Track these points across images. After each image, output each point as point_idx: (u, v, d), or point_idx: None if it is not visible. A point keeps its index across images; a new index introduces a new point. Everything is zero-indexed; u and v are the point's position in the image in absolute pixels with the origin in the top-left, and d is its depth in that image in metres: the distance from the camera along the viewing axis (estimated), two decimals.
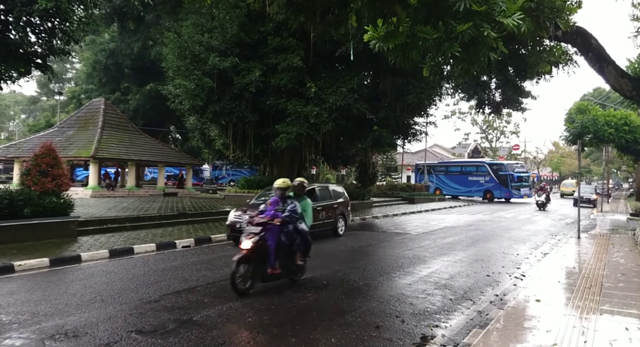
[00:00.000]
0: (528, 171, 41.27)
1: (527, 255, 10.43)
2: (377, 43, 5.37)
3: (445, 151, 69.52)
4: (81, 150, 23.47)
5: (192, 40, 18.77)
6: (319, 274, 7.77)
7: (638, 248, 11.03)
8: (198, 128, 26.10)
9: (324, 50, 20.07)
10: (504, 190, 36.28)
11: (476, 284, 7.38)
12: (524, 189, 36.97)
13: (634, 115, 26.17)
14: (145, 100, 34.78)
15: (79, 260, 8.39)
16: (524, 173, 38.04)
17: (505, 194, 36.34)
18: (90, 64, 36.37)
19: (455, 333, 4.96)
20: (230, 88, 19.30)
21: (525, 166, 41.82)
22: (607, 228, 16.39)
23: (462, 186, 39.28)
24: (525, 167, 41.20)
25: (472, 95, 21.61)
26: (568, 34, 6.81)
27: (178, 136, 46.18)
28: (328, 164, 31.39)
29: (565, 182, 51.38)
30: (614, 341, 4.59)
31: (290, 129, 19.22)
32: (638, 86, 7.03)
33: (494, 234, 14.35)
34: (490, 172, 37.03)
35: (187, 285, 6.74)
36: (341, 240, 12.17)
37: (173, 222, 13.76)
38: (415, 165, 47.43)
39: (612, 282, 7.28)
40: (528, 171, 41.27)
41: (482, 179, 37.47)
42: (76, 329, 4.75)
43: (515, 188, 36.36)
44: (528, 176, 38.91)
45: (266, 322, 5.13)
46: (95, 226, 11.75)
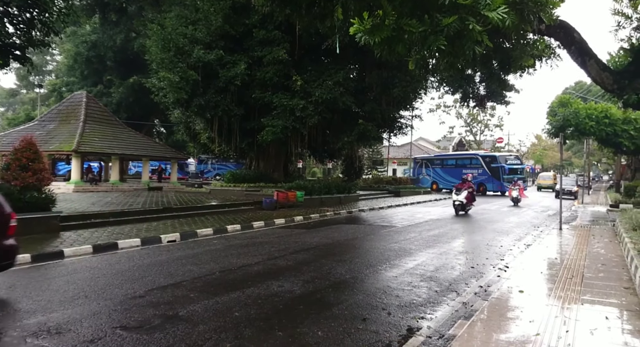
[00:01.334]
0: (523, 163, 39.81)
1: (511, 247, 10.59)
2: (363, 36, 5.35)
3: (430, 144, 69.99)
4: (63, 144, 23.06)
5: (176, 32, 18.53)
6: (306, 267, 7.78)
7: (617, 239, 11.28)
8: (183, 122, 25.84)
9: (310, 44, 19.99)
10: (496, 183, 35.37)
11: (461, 275, 7.48)
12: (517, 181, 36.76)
13: (614, 109, 26.67)
14: (129, 94, 34.28)
15: (61, 256, 8.26)
16: (517, 165, 36.89)
17: (497, 187, 35.44)
18: (71, 56, 35.65)
19: (441, 324, 5.02)
20: (215, 81, 19.12)
21: (520, 158, 40.48)
22: (588, 219, 16.72)
23: (458, 179, 38.38)
24: (520, 158, 39.72)
25: (457, 89, 21.71)
26: (551, 28, 6.88)
27: (162, 130, 45.68)
28: (314, 158, 31.45)
29: (543, 175, 50.38)
30: (594, 330, 4.69)
31: (276, 123, 19.14)
32: (619, 80, 7.15)
33: (478, 226, 14.53)
34: (483, 165, 36.17)
35: (173, 280, 6.69)
36: (327, 233, 12.20)
37: (158, 216, 13.62)
38: (413, 159, 47.25)
39: (593, 273, 7.44)
40: (523, 163, 39.81)
41: (476, 171, 35.97)
42: (59, 326, 4.68)
43: (507, 181, 34.88)
44: (522, 168, 37.59)
45: (253, 317, 5.13)
46: (78, 221, 11.57)
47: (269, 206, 17.44)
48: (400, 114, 25.42)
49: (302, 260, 8.42)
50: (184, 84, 18.31)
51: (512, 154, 42.57)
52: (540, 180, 46.75)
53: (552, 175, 48.51)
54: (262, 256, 8.67)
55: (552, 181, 45.84)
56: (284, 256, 8.79)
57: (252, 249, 9.43)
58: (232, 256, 8.62)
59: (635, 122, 26.82)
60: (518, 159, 38.35)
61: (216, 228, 11.88)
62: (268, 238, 11.10)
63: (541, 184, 45.28)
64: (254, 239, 10.84)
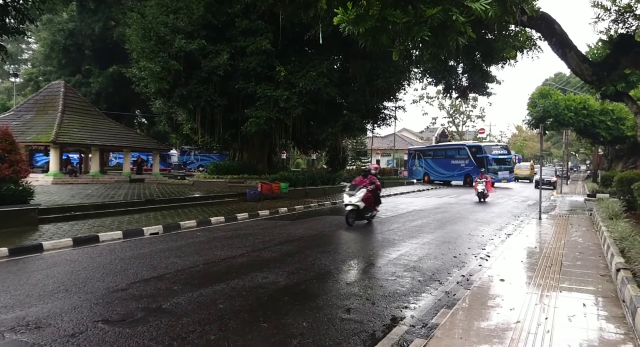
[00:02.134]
0: (510, 153, 38.43)
1: (492, 236, 10.77)
2: (347, 26, 5.32)
3: (413, 136, 70.49)
4: (40, 135, 22.52)
5: (157, 21, 18.15)
6: (290, 258, 7.79)
7: (595, 227, 11.56)
8: (165, 112, 25.47)
9: (294, 34, 19.82)
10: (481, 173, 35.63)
11: (444, 265, 7.58)
12: (503, 172, 35.14)
13: (592, 100, 27.23)
14: (109, 84, 33.54)
15: (40, 249, 8.10)
16: (503, 155, 35.89)
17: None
18: (48, 44, 34.64)
19: (424, 314, 5.09)
20: (197, 71, 18.85)
21: (507, 148, 39.06)
22: (566, 209, 17.09)
23: (447, 171, 37.89)
24: (507, 148, 38.46)
25: (440, 80, 21.90)
26: (533, 19, 6.94)
27: (144, 121, 44.93)
28: (298, 149, 31.34)
29: (520, 165, 49.78)
30: (572, 316, 4.81)
31: (259, 114, 19.00)
32: (598, 71, 7.28)
33: (460, 217, 14.73)
34: (470, 155, 35.56)
35: (156, 273, 6.62)
36: (312, 224, 12.22)
37: (140, 209, 13.45)
38: (407, 151, 46.54)
39: (571, 261, 7.62)
40: (510, 153, 38.43)
41: (463, 162, 36.08)
42: (38, 320, 4.60)
43: (492, 172, 33.91)
44: (508, 159, 36.34)
45: (237, 309, 5.12)
46: (57, 213, 11.35)
47: (253, 198, 17.37)
48: (384, 105, 25.48)
49: (286, 251, 8.42)
50: (165, 74, 17.99)
51: (500, 144, 41.41)
52: (517, 170, 46.28)
53: (529, 165, 48.87)
54: (246, 248, 8.64)
55: (529, 171, 46.17)
56: (269, 247, 8.78)
57: (236, 241, 9.39)
58: (216, 248, 8.58)
59: (612, 113, 27.45)
60: (505, 150, 37.45)
61: (200, 220, 11.79)
62: (252, 230, 11.07)
63: (518, 175, 44.81)
64: (238, 231, 10.80)
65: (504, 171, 35.12)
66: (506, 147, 38.67)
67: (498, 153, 35.71)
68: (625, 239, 7.67)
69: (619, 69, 7.54)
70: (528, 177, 45.24)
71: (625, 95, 15.13)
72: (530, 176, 45.84)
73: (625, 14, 9.15)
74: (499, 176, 34.44)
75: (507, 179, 35.47)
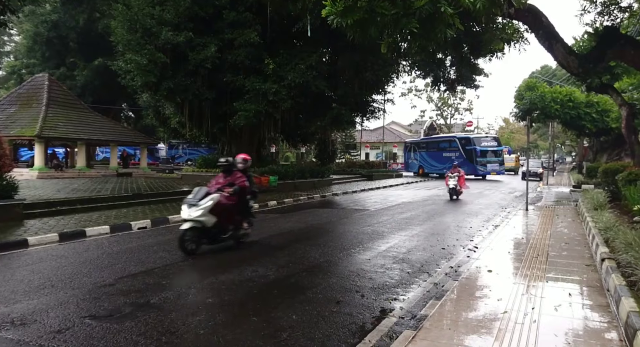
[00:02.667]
0: (501, 144, 37.15)
1: (480, 228, 10.87)
2: (336, 18, 5.28)
3: (402, 128, 70.71)
4: (24, 129, 22.11)
5: (143, 13, 17.85)
6: (280, 252, 7.78)
7: (580, 218, 11.73)
8: (152, 106, 25.16)
9: (282, 26, 19.66)
10: (470, 166, 33.61)
11: (432, 257, 7.63)
12: (492, 164, 34.28)
13: (578, 92, 27.54)
14: (94, 77, 32.99)
15: (25, 245, 7.98)
16: (491, 147, 34.70)
17: (471, 170, 33.23)
18: (31, 36, 33.90)
19: (413, 305, 5.13)
20: (185, 64, 18.62)
21: (498, 139, 37.80)
22: (552, 200, 17.32)
23: (440, 163, 36.99)
24: (497, 140, 37.22)
25: (428, 73, 21.91)
26: (520, 12, 6.97)
27: (131, 114, 44.40)
28: (287, 142, 31.24)
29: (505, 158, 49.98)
30: (558, 306, 4.88)
31: (248, 107, 18.86)
32: (584, 63, 7.35)
33: (448, 209, 14.84)
34: (460, 148, 35.03)
35: (144, 267, 6.57)
36: (301, 217, 12.22)
37: (128, 203, 13.32)
38: (404, 143, 46.04)
39: (557, 251, 7.72)
40: (501, 144, 37.15)
41: (454, 155, 34.91)
42: (24, 317, 4.54)
43: (480, 164, 33.75)
44: (498, 150, 35.07)
45: (227, 303, 5.10)
46: (43, 208, 11.19)
47: None
48: (372, 98, 25.47)
49: (276, 245, 8.41)
50: (152, 66, 17.74)
51: (490, 135, 40.31)
52: None
53: (514, 157, 48.04)
54: None
55: (514, 163, 45.40)
56: (258, 241, 8.76)
57: None
58: None
59: (597, 105, 27.81)
60: (495, 141, 36.32)
61: None
62: None
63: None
64: None
65: (493, 164, 34.27)
66: (496, 139, 37.52)
67: (487, 145, 34.76)
68: (609, 229, 7.79)
69: (605, 61, 7.62)
70: (513, 169, 44.61)
71: (610, 87, 15.32)
72: (516, 168, 45.28)
73: (610, 6, 9.23)
74: (487, 169, 33.77)
75: (497, 172, 34.68)
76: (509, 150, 39.15)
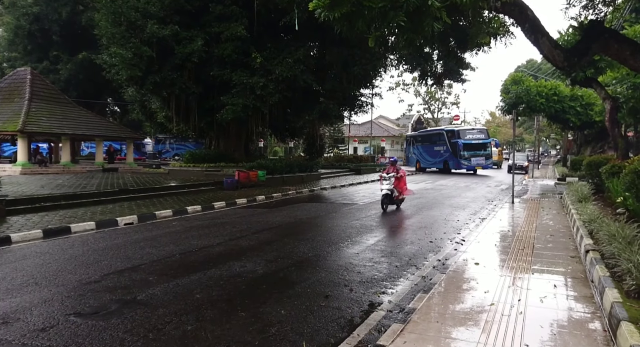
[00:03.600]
0: (488, 137, 35.25)
1: (467, 221, 10.97)
2: (323, 12, 5.24)
3: (390, 123, 70.88)
4: (7, 123, 21.68)
5: (127, 5, 17.57)
6: (268, 246, 7.76)
7: (565, 211, 11.90)
8: (138, 100, 24.82)
9: (269, 20, 19.51)
10: (455, 160, 33.09)
11: (420, 250, 7.68)
12: (477, 158, 32.58)
13: (563, 86, 27.83)
14: (78, 70, 32.41)
15: (8, 241, 7.83)
16: (477, 140, 33.04)
17: (455, 164, 33.04)
18: (12, 29, 33.12)
19: (401, 299, 5.15)
20: (171, 58, 18.40)
21: (485, 131, 35.81)
22: (538, 193, 17.54)
23: (432, 158, 36.48)
24: (485, 132, 35.31)
25: (416, 67, 21.95)
26: (507, 5, 6.99)
27: (116, 109, 43.73)
28: (276, 137, 31.17)
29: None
30: (544, 297, 4.95)
31: (235, 101, 18.73)
32: (569, 57, 7.41)
33: (436, 202, 14.94)
34: (447, 141, 33.94)
35: (130, 263, 6.50)
36: (290, 212, 12.20)
37: (114, 199, 13.15)
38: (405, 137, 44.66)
39: (542, 243, 7.83)
40: (488, 137, 35.25)
41: (442, 148, 34.59)
42: (6, 315, 4.45)
43: (464, 158, 32.31)
44: (484, 143, 33.41)
45: (215, 298, 5.07)
46: (26, 204, 10.99)
47: (230, 186, 17.20)
48: (360, 92, 25.48)
49: (264, 240, 8.39)
50: (137, 60, 17.49)
51: (476, 127, 38.25)
52: None
53: (497, 151, 45.80)
54: (223, 237, 8.56)
55: (497, 157, 43.60)
56: (246, 236, 8.73)
57: (214, 230, 9.29)
58: (192, 238, 8.47)
59: (581, 99, 28.14)
60: (482, 134, 34.44)
61: (176, 209, 11.61)
62: (230, 218, 10.97)
63: None
64: (215, 220, 10.69)
65: (479, 157, 32.69)
66: (484, 131, 35.59)
67: (473, 137, 33.24)
68: (593, 221, 7.92)
69: (589, 55, 7.69)
70: (496, 163, 43.03)
71: (594, 81, 15.50)
72: (499, 162, 44.13)
73: (595, 0, 9.32)
74: (472, 163, 32.45)
75: (483, 166, 33.25)
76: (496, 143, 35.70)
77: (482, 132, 34.92)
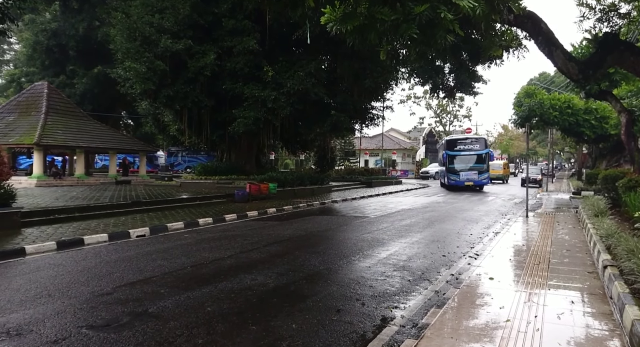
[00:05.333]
0: (486, 146, 29.23)
1: (480, 235, 10.81)
2: (335, 25, 5.28)
3: (401, 135, 70.85)
4: (23, 137, 22.09)
5: (142, 21, 17.95)
6: (279, 259, 7.72)
7: (580, 225, 11.68)
8: (151, 113, 25.20)
9: (281, 34, 19.76)
10: (444, 174, 29.28)
11: (433, 264, 7.57)
12: (467, 173, 27.55)
13: (577, 99, 27.59)
14: (93, 84, 33.06)
15: (22, 253, 7.91)
16: (468, 152, 27.92)
17: (446, 178, 28.84)
18: (30, 45, 34.01)
19: (414, 313, 5.06)
20: (184, 72, 18.69)
21: (481, 140, 29.69)
22: (552, 207, 17.27)
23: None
24: (481, 141, 29.34)
25: (427, 80, 21.93)
26: (520, 18, 6.98)
27: (130, 122, 44.41)
28: (287, 149, 31.25)
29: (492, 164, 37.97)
30: (561, 314, 4.82)
31: (247, 114, 18.89)
32: (584, 69, 7.35)
33: (448, 215, 14.78)
34: (441, 152, 31.05)
35: (142, 276, 6.50)
36: (301, 224, 12.15)
37: (126, 211, 13.25)
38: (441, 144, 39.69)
39: (558, 258, 7.67)
40: (486, 146, 29.23)
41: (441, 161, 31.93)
42: (20, 327, 4.47)
43: (452, 172, 27.77)
44: (478, 155, 27.97)
45: (226, 311, 5.03)
46: (41, 216, 11.12)
47: (241, 198, 17.24)
48: (371, 105, 25.56)
49: (275, 252, 8.35)
50: (151, 74, 17.80)
51: (471, 136, 31.95)
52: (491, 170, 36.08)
53: (502, 164, 41.26)
54: (234, 249, 8.55)
55: (502, 171, 39.05)
56: (257, 248, 8.70)
57: (225, 243, 9.29)
58: (204, 250, 8.47)
59: (595, 112, 27.84)
60: (478, 143, 28.69)
61: (187, 221, 11.65)
62: (241, 231, 10.96)
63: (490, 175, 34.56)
64: (226, 232, 10.69)
65: (470, 172, 27.51)
66: (480, 140, 29.52)
67: (464, 148, 28.18)
68: (611, 236, 7.74)
69: (604, 67, 7.63)
70: (501, 177, 38.68)
71: (608, 93, 15.35)
72: (504, 176, 39.68)
73: (609, 12, 9.26)
74: (460, 178, 27.55)
75: (475, 182, 27.54)
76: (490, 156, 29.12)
77: (478, 141, 29.26)
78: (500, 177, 38.47)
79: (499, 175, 38.51)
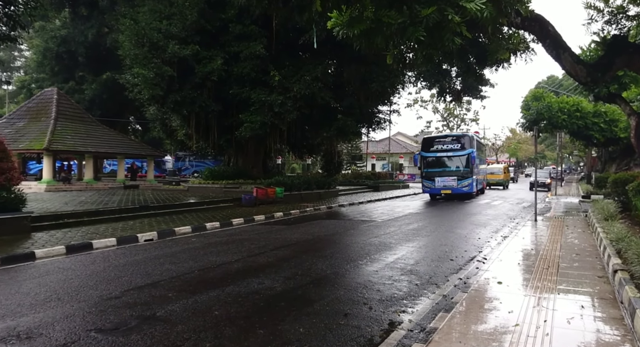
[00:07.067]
0: (470, 145, 23.65)
1: (488, 239, 10.74)
2: (341, 29, 5.30)
3: (408, 139, 70.67)
4: (33, 142, 22.32)
5: (150, 27, 18.10)
6: (286, 263, 7.71)
7: (590, 229, 11.56)
8: (159, 118, 25.37)
9: (287, 39, 19.85)
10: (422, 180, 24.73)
11: (440, 268, 7.52)
12: (443, 178, 23.10)
13: (585, 102, 27.39)
14: (102, 90, 33.38)
15: (32, 257, 7.97)
16: (444, 152, 23.49)
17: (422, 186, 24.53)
18: (40, 51, 34.42)
19: (422, 318, 5.03)
20: (191, 77, 18.81)
21: (464, 139, 24.00)
22: (561, 211, 17.11)
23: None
24: (463, 140, 23.85)
25: (434, 84, 21.94)
26: (527, 21, 6.96)
27: (138, 127, 44.71)
28: (293, 154, 31.29)
29: (491, 168, 37.26)
30: (571, 318, 4.77)
31: (254, 118, 18.96)
32: (592, 72, 7.30)
33: (456, 219, 14.70)
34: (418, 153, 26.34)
35: (150, 280, 6.53)
36: (308, 229, 12.15)
37: (134, 215, 13.32)
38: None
39: (568, 263, 7.59)
40: (470, 145, 23.65)
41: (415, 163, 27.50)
42: (30, 330, 4.50)
43: (426, 177, 23.73)
44: (458, 156, 23.32)
45: (233, 315, 5.04)
46: (50, 221, 11.21)
47: (249, 203, 17.27)
48: (378, 109, 25.56)
49: (282, 256, 8.35)
50: (159, 79, 17.93)
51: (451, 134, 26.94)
52: (489, 174, 34.29)
53: (502, 168, 38.11)
54: (241, 253, 8.56)
55: (502, 176, 36.20)
56: (264, 252, 8.70)
57: (232, 247, 9.30)
58: (211, 254, 8.49)
59: (604, 115, 27.61)
60: (457, 142, 23.68)
61: (195, 226, 11.69)
62: (248, 235, 10.98)
63: (489, 180, 33.75)
64: (233, 236, 10.71)
65: (447, 177, 23.18)
66: (463, 138, 24.08)
67: (440, 148, 23.70)
68: (621, 240, 7.66)
69: (613, 70, 7.57)
70: (502, 183, 35.68)
71: (617, 96, 15.21)
72: (504, 182, 36.37)
73: (618, 15, 9.20)
74: (435, 185, 23.37)
75: (453, 190, 22.97)
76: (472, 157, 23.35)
77: (460, 140, 23.94)
78: (501, 182, 35.39)
79: (499, 180, 35.48)
